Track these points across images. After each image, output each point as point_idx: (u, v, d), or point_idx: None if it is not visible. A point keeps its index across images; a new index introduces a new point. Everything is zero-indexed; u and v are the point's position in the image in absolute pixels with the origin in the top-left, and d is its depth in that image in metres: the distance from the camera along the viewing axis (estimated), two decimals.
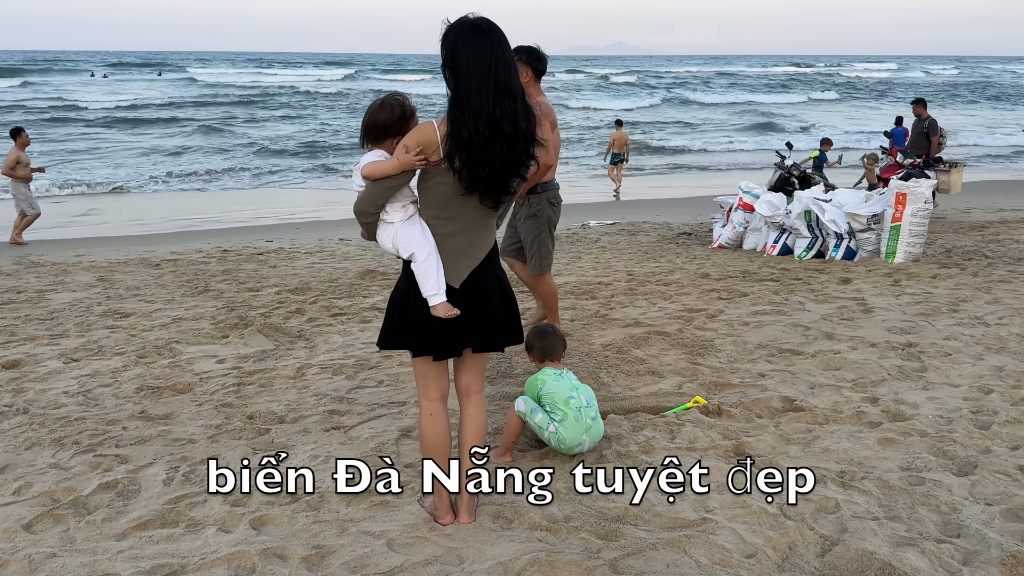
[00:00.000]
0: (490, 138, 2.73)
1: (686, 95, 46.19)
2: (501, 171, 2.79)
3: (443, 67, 2.77)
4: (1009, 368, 4.69)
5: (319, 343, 5.64)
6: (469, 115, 2.70)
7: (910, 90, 56.12)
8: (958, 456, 3.60)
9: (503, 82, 2.75)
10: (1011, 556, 2.76)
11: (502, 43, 2.79)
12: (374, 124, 2.88)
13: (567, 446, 3.58)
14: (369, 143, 2.92)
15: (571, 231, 12.70)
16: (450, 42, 2.75)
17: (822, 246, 8.60)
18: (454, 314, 2.83)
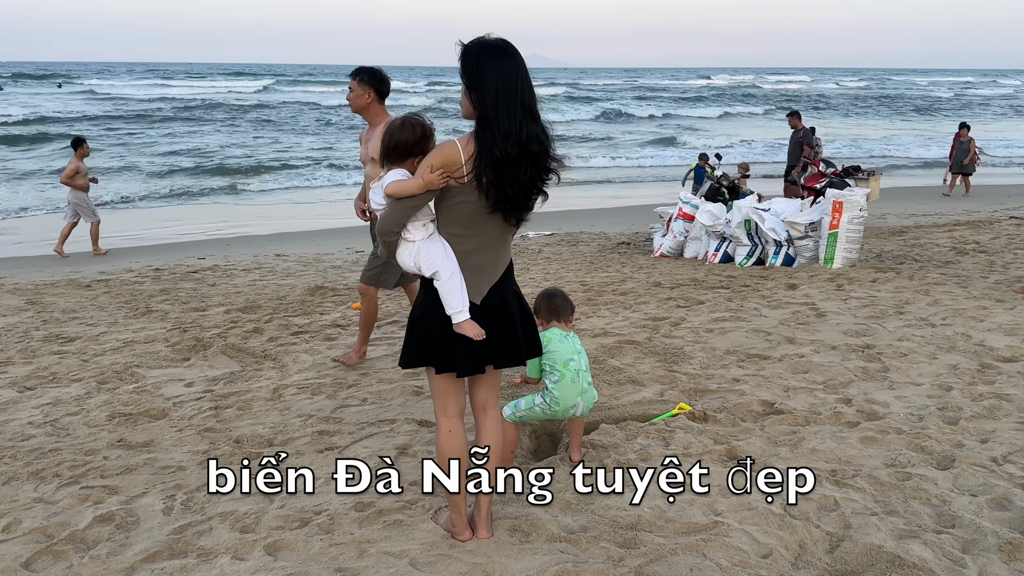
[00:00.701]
0: (518, 157, 2.77)
1: (616, 108, 46.88)
2: (526, 189, 2.84)
3: (467, 88, 2.79)
4: (962, 366, 4.98)
5: (288, 363, 5.54)
6: (499, 135, 2.74)
7: (821, 101, 58.64)
8: (935, 451, 3.80)
9: (528, 103, 2.81)
10: (1008, 543, 2.95)
11: (523, 65, 2.84)
12: (396, 144, 2.89)
13: (561, 408, 3.59)
14: (390, 163, 2.92)
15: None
16: (473, 63, 2.78)
17: (762, 253, 8.92)
18: (481, 335, 2.85)
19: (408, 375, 5.14)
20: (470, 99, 2.80)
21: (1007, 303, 6.50)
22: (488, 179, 2.77)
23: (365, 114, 5.11)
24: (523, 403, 3.64)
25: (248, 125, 35.72)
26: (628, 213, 15.52)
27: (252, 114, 39.76)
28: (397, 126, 2.91)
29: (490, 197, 2.80)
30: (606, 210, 16.60)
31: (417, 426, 4.26)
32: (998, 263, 8.37)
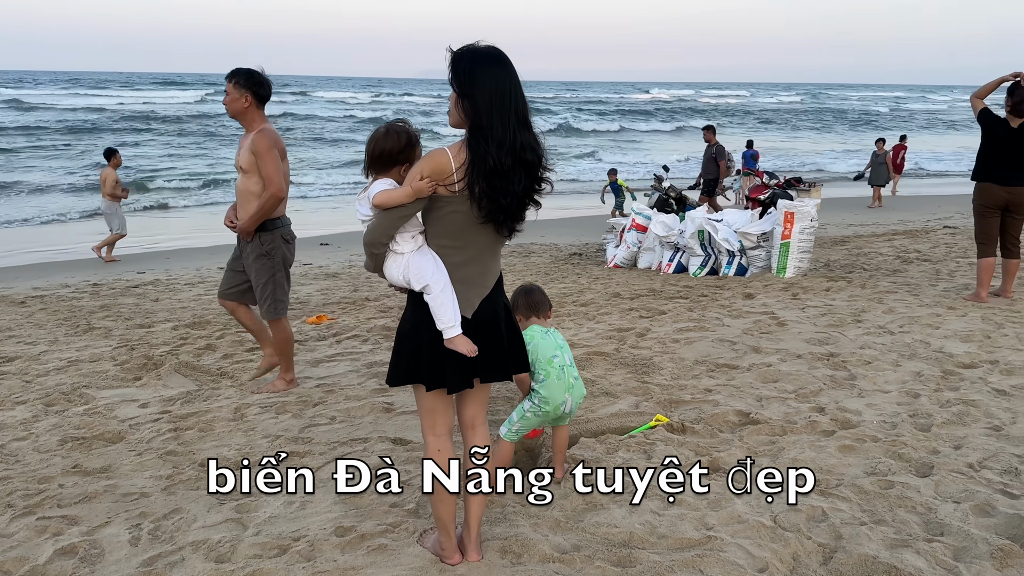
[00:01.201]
0: (512, 167, 2.69)
1: (569, 122, 47.00)
2: (520, 199, 2.76)
3: (459, 96, 2.70)
4: (926, 373, 5.07)
5: (247, 381, 5.32)
6: (492, 144, 2.65)
7: (762, 115, 59.99)
8: (913, 458, 3.84)
9: (521, 112, 2.73)
10: (999, 550, 2.97)
11: (515, 73, 2.76)
12: (380, 153, 2.78)
13: (551, 407, 3.50)
14: (374, 172, 2.81)
15: None
16: (465, 71, 2.69)
17: (715, 263, 9.01)
18: (473, 351, 2.75)
19: (376, 391, 5.00)
20: (461, 107, 2.71)
21: (958, 310, 6.67)
22: (481, 189, 2.68)
23: (242, 119, 4.75)
24: (515, 416, 3.55)
25: (188, 137, 34.88)
26: (576, 224, 15.58)
27: (191, 125, 38.83)
28: (381, 134, 2.80)
29: (482, 207, 2.71)
30: (554, 221, 16.63)
31: (392, 444, 4.12)
32: (943, 271, 8.61)
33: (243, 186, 4.74)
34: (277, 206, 4.73)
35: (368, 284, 9.71)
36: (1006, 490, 3.48)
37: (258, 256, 4.83)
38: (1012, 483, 3.55)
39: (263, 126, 4.70)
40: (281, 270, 4.91)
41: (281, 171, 4.69)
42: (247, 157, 4.68)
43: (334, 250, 13.77)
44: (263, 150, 4.63)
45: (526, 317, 3.68)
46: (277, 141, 4.70)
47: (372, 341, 6.34)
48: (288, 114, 45.27)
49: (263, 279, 4.85)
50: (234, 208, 4.91)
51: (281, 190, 4.66)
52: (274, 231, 4.82)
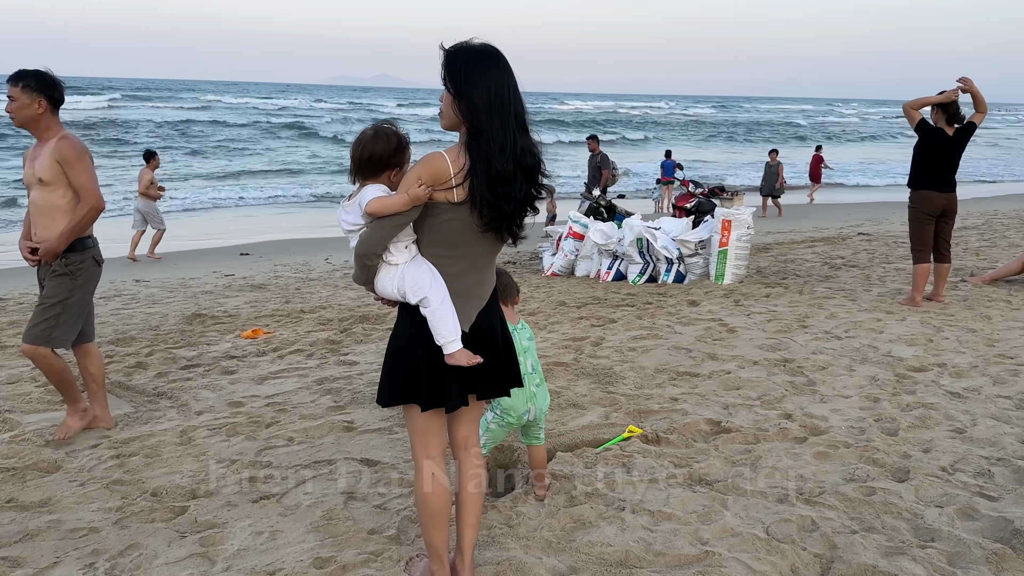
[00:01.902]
0: (513, 172, 2.55)
1: None
2: (521, 205, 2.62)
3: (455, 96, 2.54)
4: (880, 377, 5.15)
5: (188, 401, 4.99)
6: (495, 148, 2.50)
7: (688, 126, 61.20)
8: (887, 463, 3.86)
9: (520, 114, 2.59)
10: (993, 554, 2.98)
11: (512, 73, 2.62)
12: (369, 157, 2.59)
13: (515, 416, 3.36)
14: (362, 177, 2.62)
15: None
16: (461, 70, 2.53)
17: (654, 271, 9.05)
18: (476, 361, 2.60)
19: (332, 409, 4.75)
20: (458, 109, 2.54)
21: (897, 314, 6.86)
22: (483, 196, 2.52)
23: (34, 128, 4.20)
24: (479, 430, 3.39)
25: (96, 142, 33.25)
26: None
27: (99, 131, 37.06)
28: (369, 137, 2.61)
29: (484, 215, 2.56)
30: None
31: (360, 465, 3.90)
32: (873, 277, 8.87)
33: (46, 201, 4.17)
34: (95, 220, 4.25)
35: (299, 295, 9.36)
36: (984, 493, 3.52)
37: (60, 275, 4.21)
38: (987, 485, 3.60)
39: (63, 133, 4.20)
40: (80, 296, 4.28)
41: (97, 181, 4.24)
42: (51, 167, 4.13)
43: (256, 260, 13.29)
44: (73, 158, 4.12)
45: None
46: (86, 147, 4.24)
47: (318, 356, 6.06)
48: (189, 121, 43.63)
49: (54, 299, 4.17)
50: (25, 235, 4.32)
51: (101, 202, 4.20)
52: (85, 251, 4.27)
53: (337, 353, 6.14)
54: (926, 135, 6.96)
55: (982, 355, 5.59)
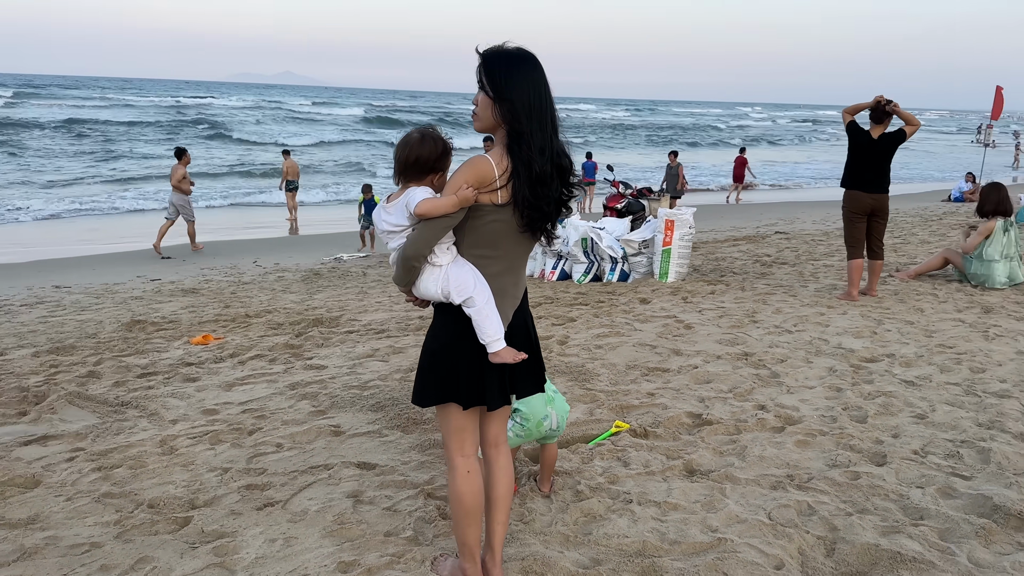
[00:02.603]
0: (550, 173, 2.62)
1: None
2: (557, 206, 2.69)
3: (496, 99, 2.57)
4: (838, 368, 5.42)
5: (158, 410, 4.83)
6: (535, 150, 2.56)
7: (608, 130, 61.92)
8: (865, 449, 4.08)
9: (554, 116, 2.66)
10: (982, 528, 3.20)
11: (545, 76, 2.68)
12: (417, 159, 2.61)
13: (533, 423, 3.41)
14: (407, 180, 2.63)
15: (323, 265, 12.27)
16: (502, 73, 2.57)
17: (598, 270, 9.23)
18: (522, 357, 2.64)
19: (314, 414, 4.69)
20: (498, 112, 2.59)
21: (837, 308, 7.21)
22: (524, 197, 2.58)
23: None
24: None
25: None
26: None
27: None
28: (416, 140, 2.63)
29: (525, 216, 2.61)
30: None
31: (359, 469, 3.87)
32: (806, 273, 9.28)
33: None
34: None
35: (238, 300, 9.13)
36: (957, 473, 3.77)
37: None
38: (959, 466, 3.85)
39: None
40: None
41: None
42: None
43: (179, 264, 12.90)
44: None
45: None
46: None
47: (282, 361, 5.95)
48: (74, 120, 41.52)
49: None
50: None
51: None
52: None
53: (301, 358, 6.04)
54: (854, 137, 7.35)
55: (924, 345, 5.95)
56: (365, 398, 4.89)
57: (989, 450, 3.96)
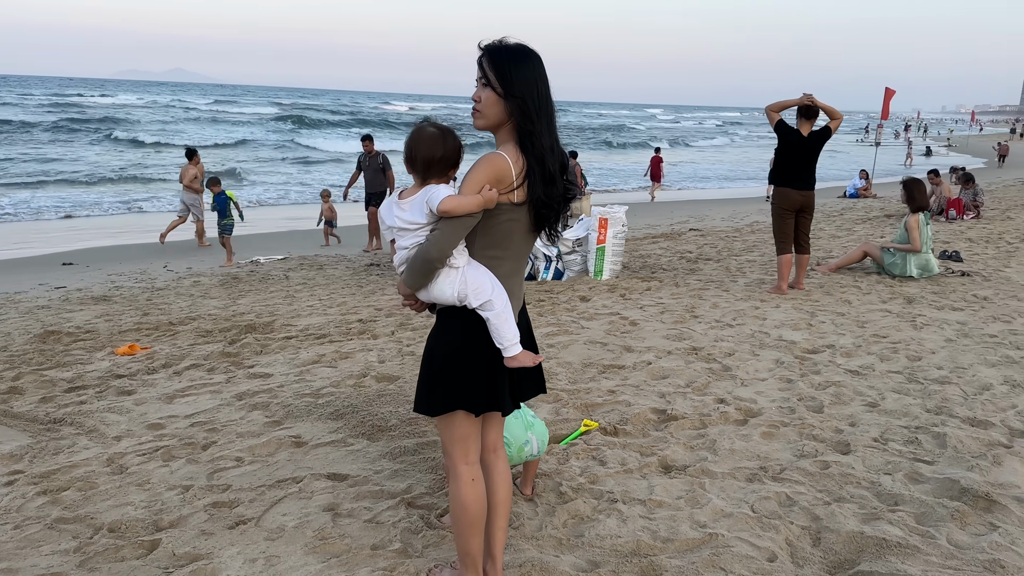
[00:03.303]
0: (557, 172, 2.57)
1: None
2: (564, 203, 2.64)
3: (505, 96, 2.49)
4: (784, 360, 5.56)
5: (97, 426, 4.51)
6: (545, 149, 2.51)
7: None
8: (828, 439, 4.18)
9: (553, 114, 2.61)
10: (956, 511, 3.32)
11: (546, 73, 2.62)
12: (441, 157, 2.51)
13: (516, 448, 3.36)
14: (429, 177, 2.51)
15: (240, 268, 11.82)
16: (510, 70, 2.49)
17: (532, 269, 9.21)
18: (539, 360, 2.59)
19: (269, 425, 4.48)
20: (507, 108, 2.51)
21: (770, 302, 7.41)
22: (538, 196, 2.52)
23: None
24: None
25: None
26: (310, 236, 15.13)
27: None
28: (438, 135, 2.51)
29: (540, 215, 2.56)
30: (303, 232, 15.96)
31: (330, 481, 3.71)
32: (732, 268, 9.51)
33: None
34: None
35: (155, 307, 8.68)
36: (920, 458, 3.91)
37: None
38: (919, 451, 4.00)
39: None
40: None
41: None
42: None
43: (83, 270, 12.20)
44: None
45: None
46: None
47: (222, 370, 5.67)
48: None
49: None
50: None
51: None
52: None
53: (241, 366, 5.77)
54: (784, 136, 7.56)
55: (860, 336, 6.18)
56: (321, 406, 4.71)
57: (944, 435, 4.13)
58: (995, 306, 7.20)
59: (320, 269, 11.29)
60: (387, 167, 13.42)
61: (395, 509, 3.42)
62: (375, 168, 13.42)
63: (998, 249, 10.70)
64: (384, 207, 2.60)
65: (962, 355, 5.63)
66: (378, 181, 13.46)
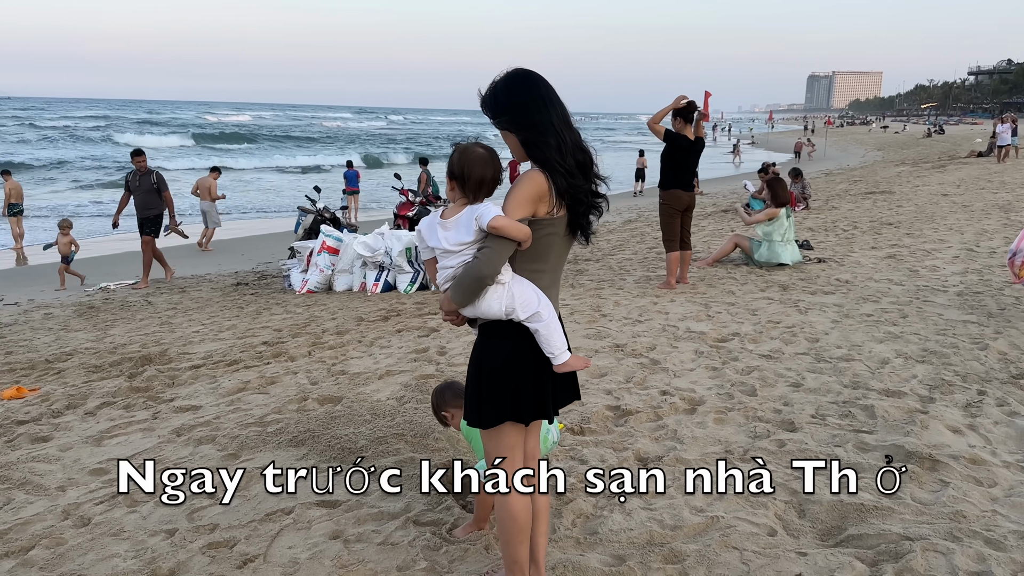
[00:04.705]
0: (576, 167, 2.66)
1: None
2: (594, 198, 2.72)
3: (504, 124, 2.59)
4: (702, 350, 5.92)
5: (29, 477, 4.12)
6: (553, 151, 2.60)
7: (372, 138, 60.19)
8: (772, 419, 4.53)
9: (564, 115, 2.70)
10: (913, 472, 3.71)
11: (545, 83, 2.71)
12: (489, 178, 2.56)
13: (542, 440, 3.44)
14: (478, 196, 2.55)
15: (91, 296, 10.97)
16: (494, 106, 2.62)
17: (424, 279, 9.20)
18: (589, 363, 2.68)
19: (228, 457, 4.27)
20: (515, 137, 2.62)
21: (664, 297, 7.83)
22: (562, 187, 2.60)
23: None
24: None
25: None
26: (184, 254, 14.40)
27: None
28: (488, 157, 2.56)
29: (581, 223, 2.67)
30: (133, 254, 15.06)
31: (322, 508, 3.61)
32: (615, 267, 9.93)
33: None
34: None
35: (15, 345, 7.92)
36: (859, 430, 4.32)
37: None
38: (856, 423, 4.41)
39: None
40: None
41: None
42: None
43: None
44: None
45: (460, 407, 3.52)
46: None
47: (141, 406, 5.31)
48: None
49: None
50: None
51: None
52: None
53: (160, 400, 5.44)
54: (673, 142, 8.03)
55: (757, 323, 6.68)
56: (273, 435, 4.53)
57: (871, 407, 4.58)
58: (859, 288, 7.98)
59: (183, 292, 10.72)
60: (163, 187, 11.71)
61: (404, 529, 3.39)
62: (147, 189, 11.63)
63: (838, 236, 11.81)
64: (427, 228, 2.61)
65: (852, 334, 6.22)
66: (151, 203, 11.67)
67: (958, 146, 40.31)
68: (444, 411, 3.55)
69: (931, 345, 5.82)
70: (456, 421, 3.56)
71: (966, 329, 6.23)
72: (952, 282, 8.09)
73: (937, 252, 9.96)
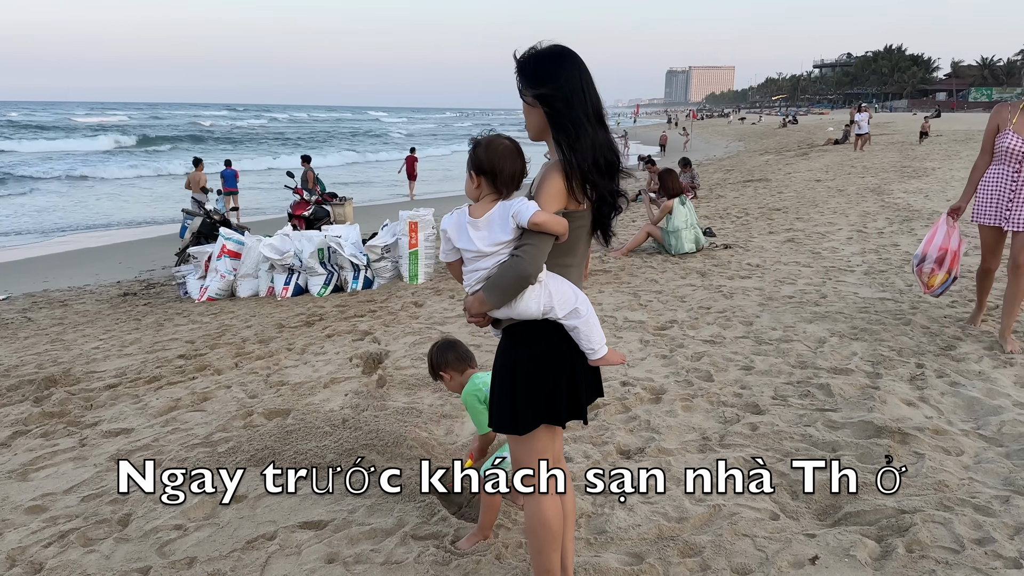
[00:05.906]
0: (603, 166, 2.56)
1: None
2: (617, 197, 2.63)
3: (539, 102, 2.46)
4: (647, 339, 5.95)
5: None
6: (585, 146, 2.49)
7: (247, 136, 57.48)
8: (737, 404, 4.59)
9: (598, 108, 2.59)
10: (888, 447, 3.83)
11: (585, 67, 2.60)
12: (519, 171, 2.42)
13: None
14: (510, 191, 2.40)
15: None
16: (529, 79, 2.46)
17: (339, 280, 8.87)
18: (624, 357, 2.59)
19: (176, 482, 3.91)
20: (542, 115, 2.49)
21: (591, 288, 7.84)
22: (594, 183, 2.50)
23: None
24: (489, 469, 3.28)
25: None
26: (62, 262, 13.45)
27: None
28: (515, 149, 2.42)
29: (604, 214, 2.56)
30: (49, 257, 14.03)
31: (309, 531, 3.36)
32: None
33: None
34: None
35: None
36: (823, 408, 4.43)
37: None
38: (818, 402, 4.52)
39: None
40: None
41: None
42: None
43: None
44: None
45: (461, 372, 3.44)
46: None
47: (63, 433, 4.82)
48: None
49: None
50: None
51: None
52: None
53: (81, 425, 4.95)
54: None
55: (689, 310, 6.78)
56: (226, 454, 4.20)
57: (827, 385, 4.71)
58: (771, 271, 8.26)
59: (65, 306, 9.92)
60: None
61: (404, 545, 3.20)
62: None
63: (734, 223, 12.23)
64: (455, 229, 2.44)
65: (782, 316, 6.42)
66: None
67: (812, 135, 42.78)
68: (444, 371, 3.44)
69: (858, 323, 6.07)
70: (454, 384, 3.42)
71: (884, 306, 6.54)
72: (855, 262, 8.50)
73: (831, 235, 10.47)
